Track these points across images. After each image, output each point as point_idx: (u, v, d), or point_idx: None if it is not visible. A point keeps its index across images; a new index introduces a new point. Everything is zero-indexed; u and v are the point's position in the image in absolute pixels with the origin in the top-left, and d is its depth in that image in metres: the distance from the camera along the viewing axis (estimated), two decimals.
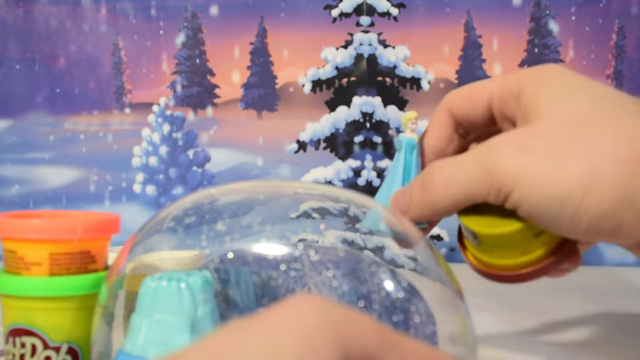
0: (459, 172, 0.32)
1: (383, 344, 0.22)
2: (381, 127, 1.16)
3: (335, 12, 1.17)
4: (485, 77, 1.16)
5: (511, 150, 0.30)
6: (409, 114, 0.39)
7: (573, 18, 1.14)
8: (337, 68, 1.17)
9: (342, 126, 1.17)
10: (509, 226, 0.33)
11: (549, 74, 0.32)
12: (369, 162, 1.17)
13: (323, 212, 0.40)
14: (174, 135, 1.19)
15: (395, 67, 1.16)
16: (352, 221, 0.39)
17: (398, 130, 0.70)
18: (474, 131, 0.36)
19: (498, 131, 0.36)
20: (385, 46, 1.17)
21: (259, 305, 0.39)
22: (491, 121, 0.35)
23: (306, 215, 0.40)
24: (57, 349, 0.45)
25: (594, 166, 0.29)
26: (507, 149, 0.30)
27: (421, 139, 0.39)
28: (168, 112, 1.18)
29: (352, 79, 1.17)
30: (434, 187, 0.33)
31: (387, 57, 1.16)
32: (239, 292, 0.39)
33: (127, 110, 1.19)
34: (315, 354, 0.20)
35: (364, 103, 1.16)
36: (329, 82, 1.17)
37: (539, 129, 0.31)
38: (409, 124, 0.39)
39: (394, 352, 0.22)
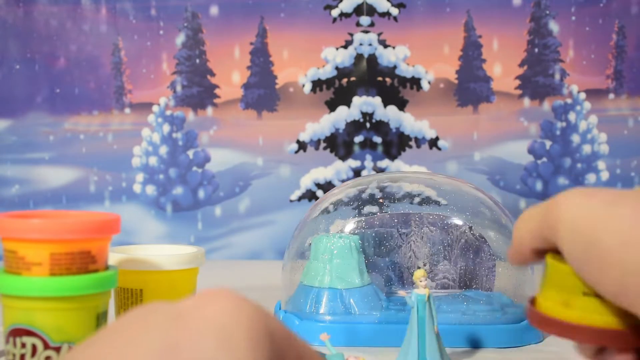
0: (531, 213, 0.32)
1: (289, 335, 0.26)
2: (381, 127, 1.17)
3: (335, 12, 1.17)
4: (486, 77, 1.16)
5: (576, 194, 0.30)
6: (419, 272, 0.43)
7: (573, 18, 1.14)
8: (337, 68, 1.17)
9: (342, 126, 1.17)
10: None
11: (573, 194, 0.32)
12: (369, 162, 1.17)
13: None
14: (174, 135, 1.19)
15: (395, 67, 1.16)
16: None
17: (405, 288, 0.72)
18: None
19: None
20: (385, 46, 1.17)
21: (378, 255, 0.70)
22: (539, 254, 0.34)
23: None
24: (57, 349, 0.45)
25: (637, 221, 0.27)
26: (572, 194, 0.30)
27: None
28: (168, 112, 1.19)
29: (352, 79, 1.17)
30: (516, 232, 0.32)
31: (387, 57, 1.17)
32: (368, 247, 0.70)
33: (127, 110, 1.19)
34: (234, 344, 0.23)
35: (364, 103, 1.17)
36: (329, 82, 1.17)
37: (605, 189, 0.31)
38: (418, 282, 0.43)
39: (294, 343, 0.26)
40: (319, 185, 1.18)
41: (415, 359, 0.47)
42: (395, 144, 1.17)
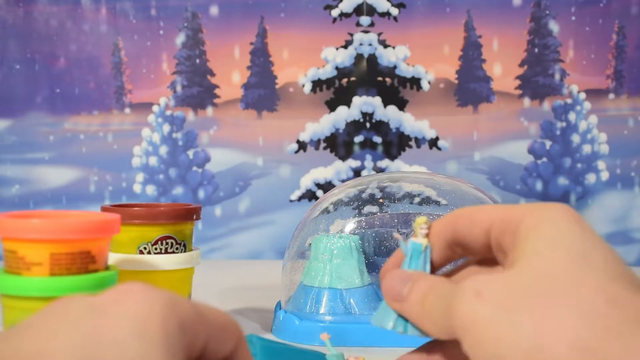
0: (435, 297, 0.31)
1: (198, 318, 0.28)
2: (381, 127, 1.17)
3: (335, 12, 1.17)
4: (486, 77, 1.16)
5: (468, 293, 0.28)
6: (420, 219, 0.37)
7: (573, 18, 1.14)
8: (337, 68, 1.17)
9: (342, 126, 1.17)
10: None
11: (549, 216, 0.30)
12: (369, 162, 1.17)
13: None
14: (174, 135, 1.19)
15: (395, 67, 1.16)
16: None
17: (399, 231, 0.71)
18: (472, 254, 0.35)
19: (493, 259, 0.34)
20: (385, 46, 1.17)
21: (378, 255, 0.70)
22: (488, 248, 0.33)
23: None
24: None
25: (542, 335, 0.26)
26: (466, 291, 0.29)
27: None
28: (168, 112, 1.19)
29: (352, 79, 1.17)
30: (424, 311, 0.32)
31: (387, 57, 1.17)
32: (368, 247, 0.69)
33: (127, 110, 1.19)
34: (148, 334, 0.25)
35: (364, 103, 1.16)
36: (329, 82, 1.17)
37: (504, 277, 0.29)
38: (419, 229, 0.37)
39: (205, 325, 0.29)
40: (319, 185, 1.18)
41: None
42: (395, 144, 1.17)
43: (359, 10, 1.16)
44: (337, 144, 1.17)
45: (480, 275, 0.30)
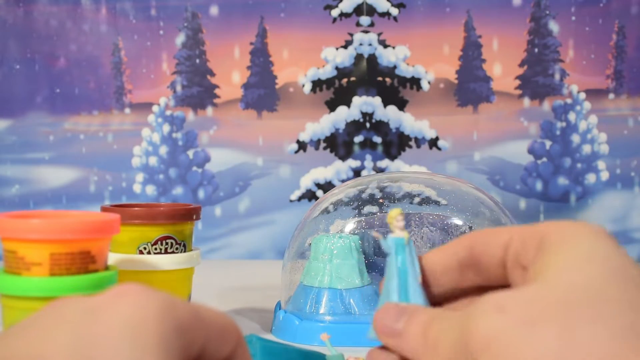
0: (444, 326, 0.29)
1: (196, 321, 0.28)
2: (381, 127, 1.17)
3: (335, 12, 1.17)
4: (486, 77, 1.16)
5: (489, 309, 0.27)
6: (393, 211, 0.35)
7: (573, 18, 1.14)
8: (337, 68, 1.17)
9: (342, 126, 1.17)
10: None
11: (579, 231, 0.29)
12: (369, 162, 1.17)
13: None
14: (174, 135, 1.19)
15: (395, 67, 1.16)
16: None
17: (377, 230, 0.70)
18: (484, 276, 0.33)
19: (504, 280, 0.32)
20: (385, 46, 1.17)
21: (378, 255, 0.69)
22: (503, 268, 0.31)
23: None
24: None
25: (569, 351, 0.24)
26: (486, 307, 0.27)
27: (425, 256, 0.35)
28: (168, 112, 1.18)
29: (352, 79, 1.17)
30: (427, 344, 0.30)
31: (387, 57, 1.16)
32: (368, 247, 0.69)
33: (127, 110, 1.19)
34: (143, 338, 0.25)
35: (364, 103, 1.16)
36: (329, 82, 1.17)
37: (529, 290, 0.27)
38: (395, 222, 0.35)
39: (203, 327, 0.28)
40: (319, 185, 1.17)
41: None
42: (395, 144, 1.17)
43: (359, 10, 1.16)
44: (337, 144, 1.17)
45: (501, 292, 0.28)
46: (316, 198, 1.17)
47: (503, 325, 0.26)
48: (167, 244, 0.61)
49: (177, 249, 0.61)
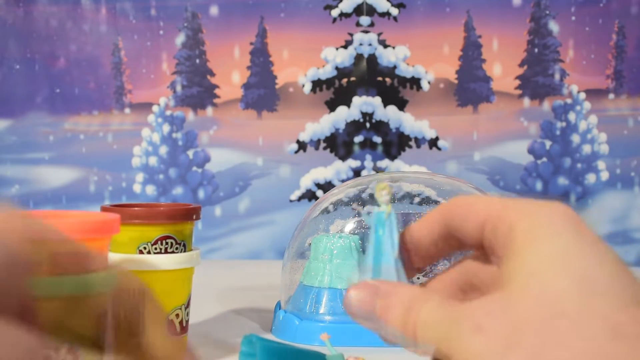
0: (428, 331, 0.28)
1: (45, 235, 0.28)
2: (381, 127, 1.17)
3: (335, 12, 1.16)
4: (486, 77, 1.16)
5: (466, 328, 0.26)
6: (379, 185, 0.33)
7: (573, 18, 1.14)
8: (337, 68, 1.17)
9: (342, 126, 1.17)
10: None
11: (546, 221, 0.27)
12: (369, 162, 1.17)
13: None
14: (174, 135, 1.19)
15: (395, 67, 1.16)
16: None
17: (362, 203, 0.70)
18: (467, 247, 0.32)
19: (486, 255, 0.31)
20: (385, 46, 1.17)
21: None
22: (479, 244, 0.31)
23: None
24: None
25: None
26: (464, 325, 0.26)
27: (406, 230, 0.34)
28: (168, 112, 1.19)
29: (352, 79, 1.17)
30: (408, 326, 0.29)
31: (387, 57, 1.16)
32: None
33: (127, 110, 1.19)
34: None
35: (364, 103, 1.16)
36: (329, 82, 1.17)
37: (501, 304, 0.26)
38: (380, 196, 0.33)
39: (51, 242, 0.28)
40: (319, 185, 1.18)
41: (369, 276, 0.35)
42: (395, 144, 1.17)
43: (358, 10, 1.16)
44: (337, 144, 1.17)
45: (478, 304, 0.27)
46: (316, 198, 1.17)
47: (481, 346, 0.26)
48: (167, 243, 0.60)
49: (177, 248, 0.61)
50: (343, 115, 1.17)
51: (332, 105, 1.17)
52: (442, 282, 0.33)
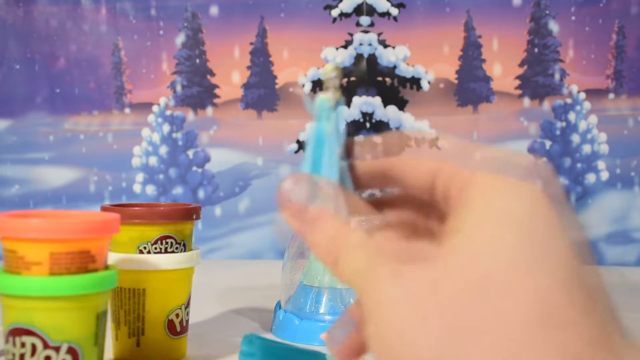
0: (348, 261, 0.26)
1: None
2: (381, 127, 1.17)
3: (335, 12, 1.16)
4: (486, 77, 1.16)
5: (385, 271, 0.24)
6: (328, 66, 0.29)
7: (573, 18, 1.14)
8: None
9: (341, 127, 1.17)
10: None
11: (506, 186, 0.25)
12: None
13: None
14: (174, 135, 1.19)
15: (395, 67, 1.16)
16: None
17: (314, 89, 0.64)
18: (408, 190, 0.29)
19: (429, 206, 0.29)
20: (385, 46, 1.17)
21: None
22: (430, 193, 0.28)
23: None
24: (57, 349, 0.45)
25: (446, 356, 0.22)
26: (385, 266, 0.24)
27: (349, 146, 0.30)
28: (168, 112, 1.19)
29: (352, 79, 1.17)
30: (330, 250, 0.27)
31: (387, 57, 1.16)
32: None
33: (127, 110, 1.19)
34: None
35: (364, 103, 1.16)
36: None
37: (431, 255, 0.24)
38: (329, 78, 0.29)
39: None
40: None
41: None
42: None
43: (358, 10, 1.16)
44: None
45: (407, 247, 0.25)
46: None
47: (393, 298, 0.23)
48: (167, 243, 0.60)
49: (177, 248, 0.61)
50: (343, 115, 1.17)
51: None
52: (394, 212, 0.31)
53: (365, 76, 1.16)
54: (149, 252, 0.60)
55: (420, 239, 0.29)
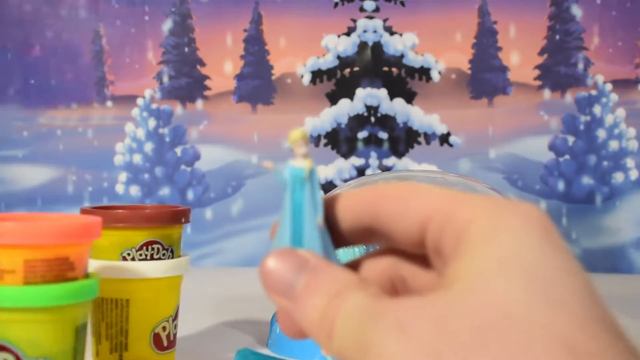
0: (342, 325, 0.26)
1: None
2: (387, 121, 1.17)
3: None
4: (502, 67, 1.16)
5: (387, 324, 0.24)
6: (295, 132, 0.30)
7: (598, 1, 1.14)
8: (338, 57, 1.17)
9: (344, 121, 1.17)
10: None
11: (508, 223, 0.25)
12: (374, 160, 1.17)
13: None
14: (161, 130, 1.19)
15: (402, 56, 1.16)
16: None
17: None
18: (395, 246, 0.29)
19: (423, 259, 0.29)
20: (392, 33, 1.16)
21: None
22: (420, 246, 0.28)
23: None
24: None
25: None
26: (385, 320, 0.24)
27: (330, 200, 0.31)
28: (154, 106, 1.18)
29: (356, 69, 1.17)
30: (325, 322, 0.26)
31: (393, 45, 1.16)
32: None
33: (109, 103, 1.19)
34: None
35: (369, 95, 1.17)
36: (330, 73, 1.17)
37: (435, 303, 0.24)
38: (296, 147, 0.30)
39: None
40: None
41: None
42: (403, 140, 1.17)
43: None
44: (339, 140, 1.17)
45: (408, 300, 0.25)
46: None
47: (403, 351, 0.23)
48: (153, 249, 0.60)
49: (164, 254, 0.61)
50: (346, 108, 1.17)
51: (333, 98, 1.17)
52: (372, 268, 0.31)
53: (370, 66, 1.17)
54: (133, 259, 0.60)
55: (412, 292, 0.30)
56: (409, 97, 1.17)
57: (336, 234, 0.30)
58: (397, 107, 1.17)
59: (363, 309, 0.25)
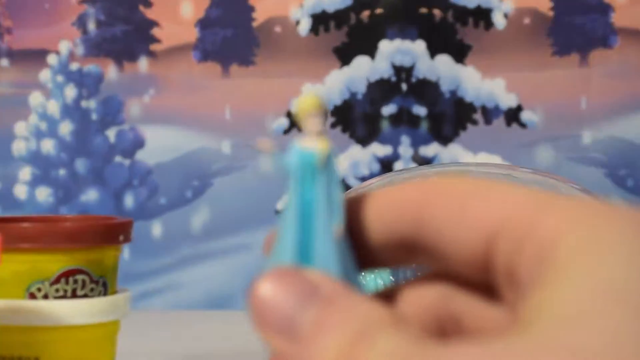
0: None
1: None
2: (426, 90, 1.17)
3: None
4: (602, 5, 1.16)
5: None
6: (307, 99, 0.30)
7: None
8: None
9: (361, 89, 1.17)
10: None
11: (606, 236, 0.27)
12: (405, 149, 1.17)
13: None
14: (84, 103, 1.18)
15: None
16: None
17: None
18: (443, 266, 0.31)
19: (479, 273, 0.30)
20: None
21: None
22: (482, 265, 0.30)
23: None
24: None
25: None
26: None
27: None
28: (74, 66, 1.19)
29: (378, 11, 1.17)
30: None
31: None
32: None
33: (5, 62, 1.19)
34: None
35: (398, 51, 1.17)
36: (339, 17, 1.17)
37: (510, 356, 0.25)
38: (309, 119, 0.30)
39: None
40: None
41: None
42: (450, 118, 1.17)
43: None
44: (354, 119, 1.18)
45: (468, 349, 0.26)
46: None
47: None
48: (75, 282, 0.61)
49: (92, 290, 0.62)
50: (363, 71, 1.17)
51: (345, 56, 1.18)
52: (413, 302, 0.32)
53: (400, 6, 1.17)
54: (45, 297, 0.61)
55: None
56: (460, 54, 1.17)
57: (361, 249, 0.31)
58: (442, 69, 1.17)
59: (398, 356, 0.26)
